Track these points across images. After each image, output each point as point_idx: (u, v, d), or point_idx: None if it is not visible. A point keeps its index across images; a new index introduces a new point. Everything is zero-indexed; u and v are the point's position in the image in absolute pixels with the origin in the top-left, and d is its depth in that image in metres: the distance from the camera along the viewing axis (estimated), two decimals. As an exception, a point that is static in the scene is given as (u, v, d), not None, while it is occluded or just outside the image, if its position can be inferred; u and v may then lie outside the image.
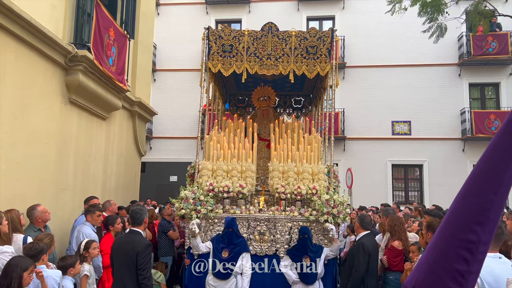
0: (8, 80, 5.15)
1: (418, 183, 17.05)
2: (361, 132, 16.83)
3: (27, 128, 5.56)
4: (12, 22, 5.06)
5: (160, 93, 17.65)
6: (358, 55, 17.23)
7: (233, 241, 5.62)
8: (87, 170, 7.32)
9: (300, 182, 6.15)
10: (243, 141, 6.62)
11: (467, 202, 1.06)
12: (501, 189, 1.03)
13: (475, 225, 1.04)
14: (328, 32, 6.68)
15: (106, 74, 7.02)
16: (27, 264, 3.51)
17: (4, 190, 5.07)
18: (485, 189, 1.04)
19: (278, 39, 6.62)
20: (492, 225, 1.04)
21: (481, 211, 1.04)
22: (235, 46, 6.63)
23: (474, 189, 1.06)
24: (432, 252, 1.12)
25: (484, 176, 1.05)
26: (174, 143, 17.58)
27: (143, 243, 4.25)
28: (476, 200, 1.05)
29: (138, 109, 9.46)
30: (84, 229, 5.37)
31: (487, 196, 1.04)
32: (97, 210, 5.69)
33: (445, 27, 12.45)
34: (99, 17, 6.80)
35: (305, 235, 5.70)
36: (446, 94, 16.69)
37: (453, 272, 1.05)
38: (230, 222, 5.68)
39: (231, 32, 6.70)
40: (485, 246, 1.05)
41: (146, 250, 4.21)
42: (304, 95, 9.11)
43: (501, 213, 1.06)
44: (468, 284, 1.05)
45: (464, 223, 1.05)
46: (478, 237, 1.04)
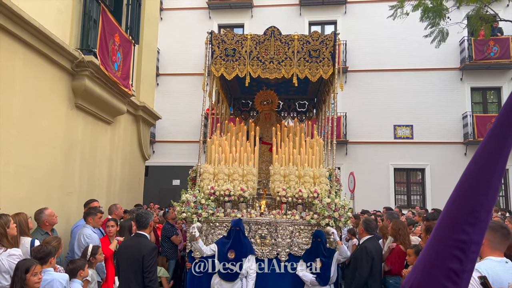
0: (16, 85, 5.24)
1: (420, 187, 17.07)
2: (363, 136, 16.88)
3: (34, 132, 5.65)
4: (20, 29, 5.16)
5: (164, 97, 17.74)
6: (360, 60, 17.31)
7: (240, 241, 5.61)
8: (92, 174, 7.39)
9: (301, 185, 6.12)
10: (245, 144, 6.61)
11: (458, 204, 1.12)
12: (490, 191, 1.08)
13: (466, 225, 1.09)
14: (331, 35, 6.68)
15: (111, 79, 7.11)
16: (27, 265, 3.54)
17: (12, 194, 5.15)
18: (475, 191, 1.09)
19: (280, 43, 6.63)
20: (482, 226, 1.10)
21: (471, 212, 1.09)
22: (238, 50, 6.65)
23: (464, 191, 1.12)
24: (427, 252, 1.17)
25: (474, 179, 1.10)
26: (177, 147, 17.66)
27: (149, 246, 4.31)
28: (467, 202, 1.10)
29: (142, 114, 9.55)
30: (84, 231, 5.41)
31: (477, 198, 1.09)
32: (99, 212, 5.75)
33: (446, 32, 12.51)
34: (105, 23, 6.90)
35: (318, 239, 5.69)
36: (448, 98, 16.74)
37: (448, 271, 1.10)
38: (236, 222, 5.71)
39: (234, 36, 6.73)
40: (476, 245, 1.10)
41: (152, 253, 4.27)
42: (309, 99, 9.12)
43: (490, 214, 1.11)
44: (463, 282, 1.10)
45: (456, 224, 1.10)
46: (469, 237, 1.09)
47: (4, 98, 5.02)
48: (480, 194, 1.09)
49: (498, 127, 1.08)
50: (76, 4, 6.66)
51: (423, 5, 12.00)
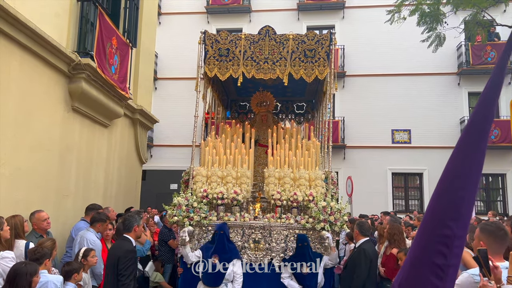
0: (12, 87, 5.23)
1: (418, 192, 17.07)
2: (361, 141, 16.89)
3: (30, 134, 5.63)
4: (17, 31, 5.16)
5: (161, 101, 17.76)
6: (358, 64, 17.36)
7: (224, 246, 5.47)
8: (88, 177, 7.36)
9: (296, 188, 5.94)
10: (240, 146, 6.45)
11: (440, 200, 1.14)
12: (468, 185, 1.11)
13: (449, 220, 1.11)
14: (327, 35, 6.54)
15: (108, 82, 7.10)
16: (35, 268, 3.47)
17: (7, 196, 5.13)
18: (454, 186, 1.12)
19: (275, 43, 6.51)
20: (464, 220, 1.11)
21: (453, 207, 1.11)
22: (231, 50, 6.52)
23: (445, 187, 1.14)
24: (414, 249, 1.19)
25: (453, 174, 1.13)
26: (174, 151, 17.64)
27: (124, 249, 4.20)
28: (448, 197, 1.12)
29: (139, 117, 9.53)
30: (88, 235, 5.27)
31: (457, 192, 1.11)
32: (108, 220, 5.60)
33: (444, 37, 12.58)
34: (102, 26, 6.90)
35: (304, 243, 5.56)
36: (445, 103, 16.79)
37: (433, 266, 1.12)
38: (221, 226, 5.59)
39: (227, 36, 6.59)
40: (460, 240, 1.11)
41: (127, 255, 4.13)
42: (307, 100, 9.01)
43: (472, 208, 1.13)
44: (448, 277, 1.12)
45: (440, 220, 1.13)
46: (452, 232, 1.11)
47: (1, 100, 5.00)
48: (459, 189, 1.11)
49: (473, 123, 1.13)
50: (74, 7, 6.65)
51: (420, 10, 12.07)
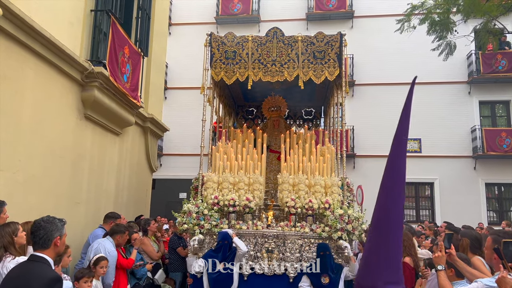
0: (27, 94, 5.29)
1: (429, 202, 16.87)
2: (371, 150, 16.76)
3: (44, 142, 5.68)
4: (32, 40, 5.23)
5: (171, 110, 17.83)
6: (367, 73, 17.33)
7: (230, 255, 5.29)
8: (100, 185, 7.39)
9: (311, 195, 5.75)
10: (252, 152, 6.28)
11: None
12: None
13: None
14: (337, 36, 6.42)
15: (120, 90, 7.16)
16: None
17: (21, 202, 5.15)
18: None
19: (283, 45, 6.40)
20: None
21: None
22: (238, 53, 6.39)
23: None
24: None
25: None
26: (184, 160, 17.67)
27: (44, 278, 2.60)
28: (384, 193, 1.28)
29: (150, 125, 9.58)
30: (106, 244, 5.20)
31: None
32: (127, 231, 5.53)
33: (454, 45, 12.54)
34: (115, 35, 6.98)
35: (326, 252, 5.28)
36: (456, 112, 16.65)
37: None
38: (224, 235, 5.35)
39: (234, 38, 6.46)
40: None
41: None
42: (315, 106, 8.89)
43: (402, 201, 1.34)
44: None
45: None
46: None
47: (15, 108, 5.06)
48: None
49: (397, 136, 1.43)
50: (87, 16, 6.75)
51: (430, 18, 12.06)
